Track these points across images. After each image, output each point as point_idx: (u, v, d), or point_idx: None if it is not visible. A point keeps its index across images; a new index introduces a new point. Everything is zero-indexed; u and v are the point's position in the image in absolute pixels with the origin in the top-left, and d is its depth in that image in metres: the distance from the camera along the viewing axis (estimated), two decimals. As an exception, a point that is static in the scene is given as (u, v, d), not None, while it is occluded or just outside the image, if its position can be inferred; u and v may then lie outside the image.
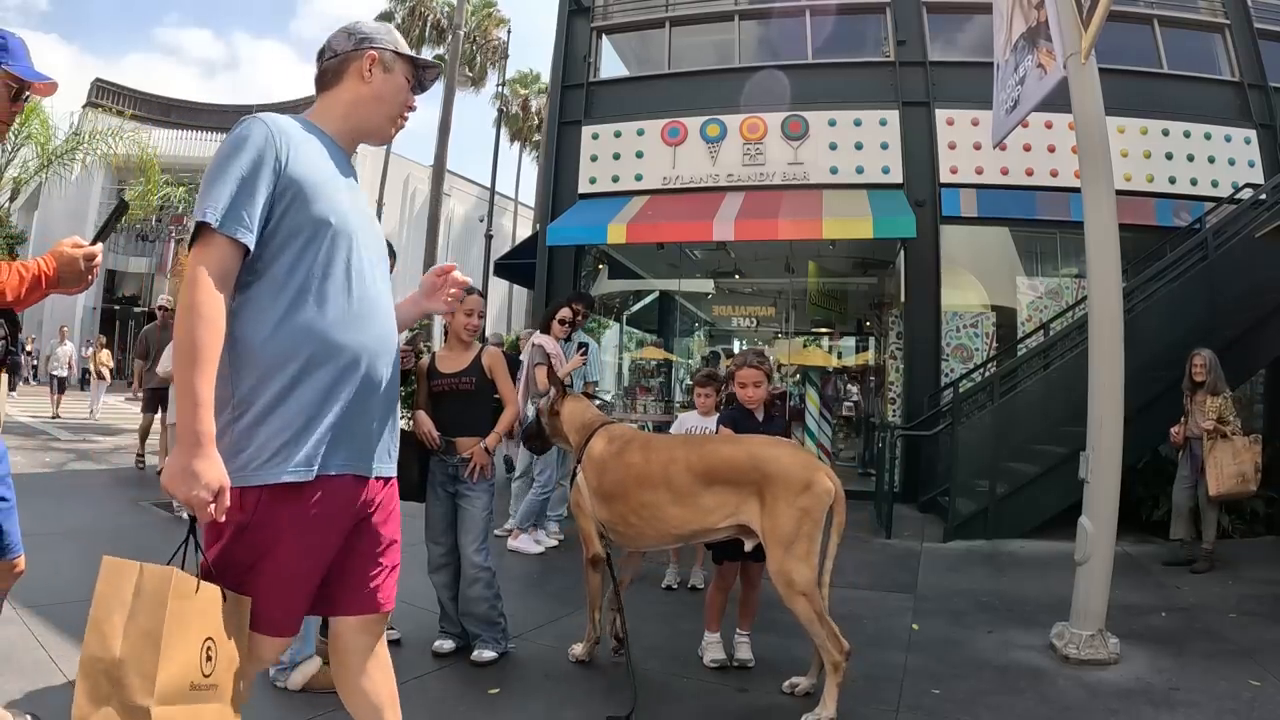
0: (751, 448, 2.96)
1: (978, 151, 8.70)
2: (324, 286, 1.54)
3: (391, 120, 1.76)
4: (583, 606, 3.59)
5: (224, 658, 1.39)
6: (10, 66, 1.99)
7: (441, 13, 28.10)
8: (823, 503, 2.78)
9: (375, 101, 1.71)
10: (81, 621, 1.34)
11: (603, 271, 11.28)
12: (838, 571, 2.97)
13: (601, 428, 3.29)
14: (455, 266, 2.00)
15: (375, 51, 1.69)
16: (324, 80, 1.72)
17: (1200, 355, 5.42)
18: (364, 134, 1.75)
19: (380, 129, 1.76)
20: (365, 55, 1.69)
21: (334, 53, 1.70)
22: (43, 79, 2.07)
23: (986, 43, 8.18)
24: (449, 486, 3.29)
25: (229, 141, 1.49)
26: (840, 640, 2.71)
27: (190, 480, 1.36)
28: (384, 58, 1.70)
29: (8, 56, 1.99)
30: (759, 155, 9.28)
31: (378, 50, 1.70)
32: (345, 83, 1.70)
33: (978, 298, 9.12)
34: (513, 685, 2.99)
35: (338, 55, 1.70)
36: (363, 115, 1.71)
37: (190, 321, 1.38)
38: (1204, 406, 5.33)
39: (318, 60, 1.74)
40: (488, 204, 20.29)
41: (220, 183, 1.44)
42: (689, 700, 2.93)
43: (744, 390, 3.46)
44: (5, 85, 2.00)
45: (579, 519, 3.25)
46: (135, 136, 14.52)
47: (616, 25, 10.90)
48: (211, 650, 1.36)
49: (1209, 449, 5.22)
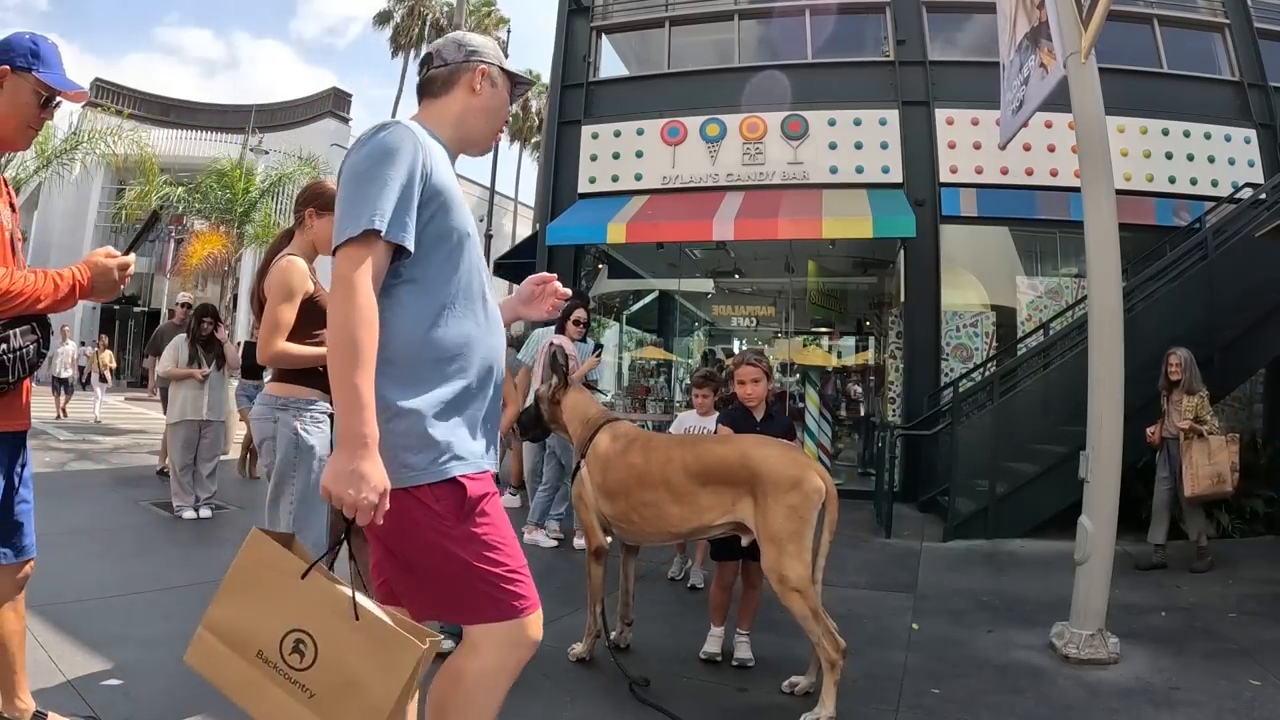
0: (742, 447, 3.01)
1: (977, 151, 8.71)
2: (466, 292, 1.60)
3: (494, 134, 1.81)
4: (582, 607, 3.59)
5: (329, 671, 1.33)
6: (41, 74, 1.99)
7: (440, 12, 28.14)
8: (812, 501, 2.81)
9: (483, 114, 1.75)
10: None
11: (602, 271, 11.28)
12: (837, 571, 2.98)
13: (606, 425, 3.32)
14: (555, 277, 2.01)
15: (485, 66, 1.73)
16: (430, 88, 1.74)
17: (1176, 354, 5.37)
18: (469, 144, 1.78)
19: (484, 140, 1.80)
20: (476, 69, 1.72)
21: (444, 61, 1.73)
22: (74, 88, 2.06)
23: (986, 42, 8.19)
24: None
25: (377, 148, 1.49)
26: (836, 638, 2.72)
27: (358, 482, 1.36)
28: (492, 72, 1.75)
29: (39, 63, 1.99)
30: (759, 155, 9.29)
31: (487, 65, 1.74)
32: (455, 93, 1.73)
33: (977, 297, 9.12)
34: (512, 686, 2.98)
35: (447, 65, 1.73)
36: (471, 126, 1.74)
37: (353, 324, 1.39)
38: (1180, 406, 5.28)
39: (423, 66, 1.77)
40: (488, 204, 20.28)
41: (380, 188, 1.45)
42: (688, 699, 2.93)
43: (743, 388, 3.49)
44: (35, 92, 2.00)
45: (580, 511, 3.29)
46: (134, 136, 14.54)
47: (616, 25, 10.91)
48: (304, 647, 1.34)
49: (1184, 449, 5.17)
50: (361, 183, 1.46)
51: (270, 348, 2.69)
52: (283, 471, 2.75)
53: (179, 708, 2.59)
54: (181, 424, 5.89)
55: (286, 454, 2.74)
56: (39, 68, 1.99)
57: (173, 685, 2.75)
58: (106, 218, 22.24)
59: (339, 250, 1.45)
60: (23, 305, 1.88)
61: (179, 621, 3.43)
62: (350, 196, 1.46)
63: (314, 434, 2.78)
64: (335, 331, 1.42)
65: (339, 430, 1.39)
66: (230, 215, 15.93)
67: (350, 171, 1.50)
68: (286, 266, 2.77)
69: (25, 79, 1.98)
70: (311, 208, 2.86)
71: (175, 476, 5.83)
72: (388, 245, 1.46)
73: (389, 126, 1.53)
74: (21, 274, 1.89)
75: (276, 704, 1.33)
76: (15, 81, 1.97)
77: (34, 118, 2.03)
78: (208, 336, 6.13)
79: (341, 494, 1.36)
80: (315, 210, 2.86)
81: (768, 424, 3.48)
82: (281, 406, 2.76)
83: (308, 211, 2.87)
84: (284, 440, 2.74)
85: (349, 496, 1.36)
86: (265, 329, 2.69)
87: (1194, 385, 5.28)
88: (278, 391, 2.79)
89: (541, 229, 9.78)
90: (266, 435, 2.79)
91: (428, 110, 1.74)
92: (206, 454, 6.00)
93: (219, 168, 16.12)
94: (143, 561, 4.41)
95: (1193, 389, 5.27)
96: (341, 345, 1.40)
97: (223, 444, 6.87)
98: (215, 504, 6.02)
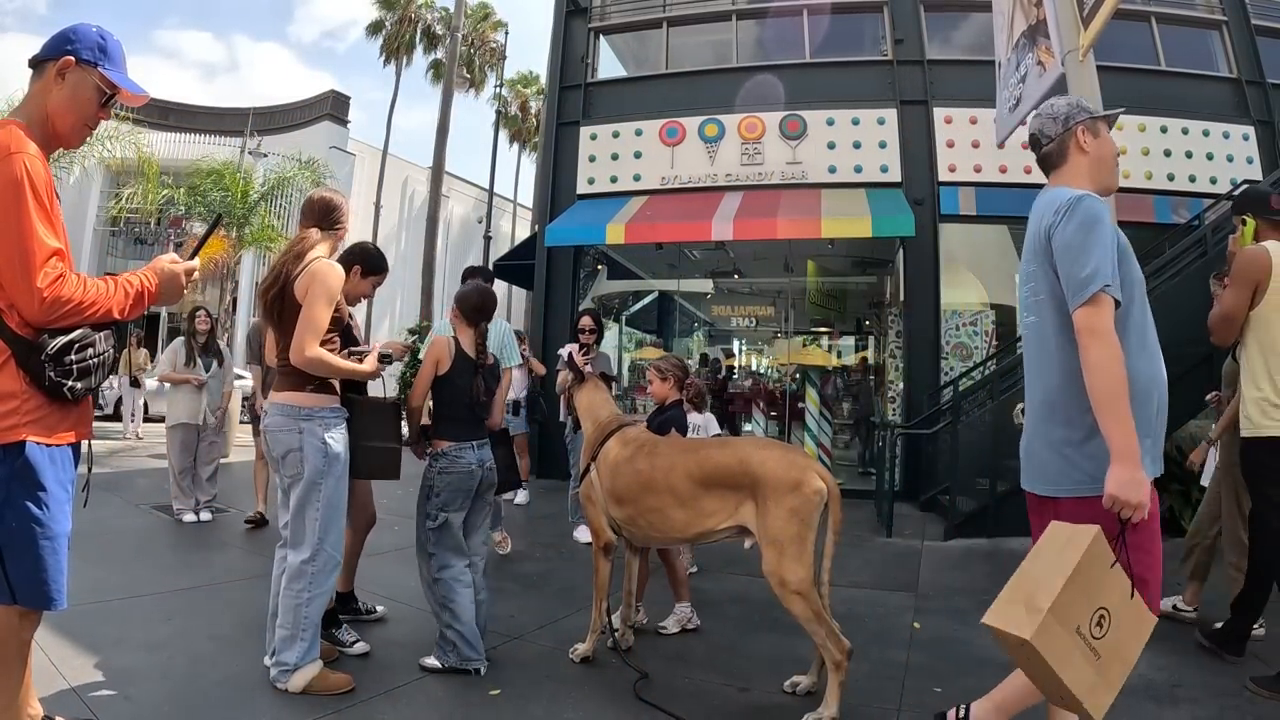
0: (741, 451, 3.02)
1: (976, 150, 8.71)
2: (1145, 327, 1.97)
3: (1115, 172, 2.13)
4: (583, 608, 3.59)
5: (1112, 637, 1.71)
6: (107, 70, 1.93)
7: (433, 18, 28.08)
8: (813, 503, 2.80)
9: (1101, 161, 2.09)
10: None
11: (602, 272, 11.27)
12: (838, 570, 2.97)
13: (618, 431, 3.34)
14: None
15: (1080, 124, 2.07)
16: (1050, 161, 2.13)
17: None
18: (1110, 189, 2.10)
19: (1112, 181, 2.12)
20: (1074, 131, 2.08)
21: (1048, 138, 2.11)
22: (138, 90, 2.00)
23: (984, 41, 8.19)
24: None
25: (1088, 218, 1.88)
26: (840, 639, 2.71)
27: (1139, 488, 1.74)
28: (1090, 126, 2.08)
29: (106, 60, 1.92)
30: (757, 155, 9.29)
31: (1081, 123, 2.07)
32: (1071, 159, 2.09)
33: (977, 296, 9.12)
34: (513, 687, 2.98)
35: (1053, 139, 2.11)
36: (1102, 175, 2.09)
37: (1114, 366, 1.79)
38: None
39: (1035, 147, 2.17)
40: (486, 205, 20.27)
41: (1102, 253, 1.84)
42: (690, 699, 2.92)
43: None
44: (98, 89, 1.93)
45: (588, 510, 3.32)
46: (133, 139, 14.50)
47: (614, 26, 10.91)
48: (1104, 621, 1.70)
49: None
50: (1084, 250, 1.86)
51: (310, 350, 2.67)
52: (312, 480, 2.77)
53: (180, 711, 2.59)
54: (179, 427, 5.88)
55: (317, 463, 2.76)
56: (105, 64, 1.92)
57: (174, 689, 2.75)
58: (105, 220, 22.18)
59: (1082, 307, 1.84)
60: (96, 315, 1.85)
61: (180, 625, 3.43)
62: (1080, 258, 1.85)
63: (339, 442, 2.81)
64: (1105, 369, 1.80)
65: (1120, 447, 1.75)
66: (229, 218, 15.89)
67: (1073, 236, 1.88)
68: (329, 269, 2.76)
69: (90, 73, 1.91)
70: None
71: (175, 480, 5.82)
72: (1112, 299, 1.83)
73: (1085, 199, 1.91)
74: (94, 283, 1.86)
75: (1078, 669, 1.67)
76: (79, 75, 1.90)
77: (93, 116, 1.96)
78: (205, 340, 6.11)
79: (1129, 498, 1.74)
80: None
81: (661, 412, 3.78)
82: (306, 417, 2.76)
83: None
84: (313, 450, 2.75)
85: (1135, 498, 1.73)
86: (304, 330, 2.67)
87: None
88: (300, 402, 2.77)
89: (540, 230, 9.78)
90: (291, 447, 2.77)
91: (1058, 177, 2.10)
92: (206, 457, 5.99)
93: (210, 166, 16.00)
94: (143, 565, 4.41)
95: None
96: (1115, 380, 1.78)
97: (223, 447, 6.86)
98: (215, 507, 6.02)
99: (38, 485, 1.81)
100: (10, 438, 1.78)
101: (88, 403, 1.98)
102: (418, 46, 28.19)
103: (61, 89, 1.89)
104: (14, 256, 1.73)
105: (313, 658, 2.80)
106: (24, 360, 1.79)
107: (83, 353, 1.85)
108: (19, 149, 1.75)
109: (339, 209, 2.96)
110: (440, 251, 23.78)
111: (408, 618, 3.68)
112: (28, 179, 1.73)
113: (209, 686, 2.79)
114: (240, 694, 2.75)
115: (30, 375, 1.80)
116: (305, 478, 2.76)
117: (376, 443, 3.00)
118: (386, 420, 3.06)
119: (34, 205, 1.74)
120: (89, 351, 1.86)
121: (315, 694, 2.73)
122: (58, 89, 1.89)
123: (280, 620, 2.79)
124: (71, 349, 1.83)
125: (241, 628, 3.40)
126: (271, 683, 2.77)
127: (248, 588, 4.01)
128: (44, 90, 1.89)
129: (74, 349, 1.83)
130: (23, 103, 1.92)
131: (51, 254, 1.76)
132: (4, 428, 1.78)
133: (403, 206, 28.74)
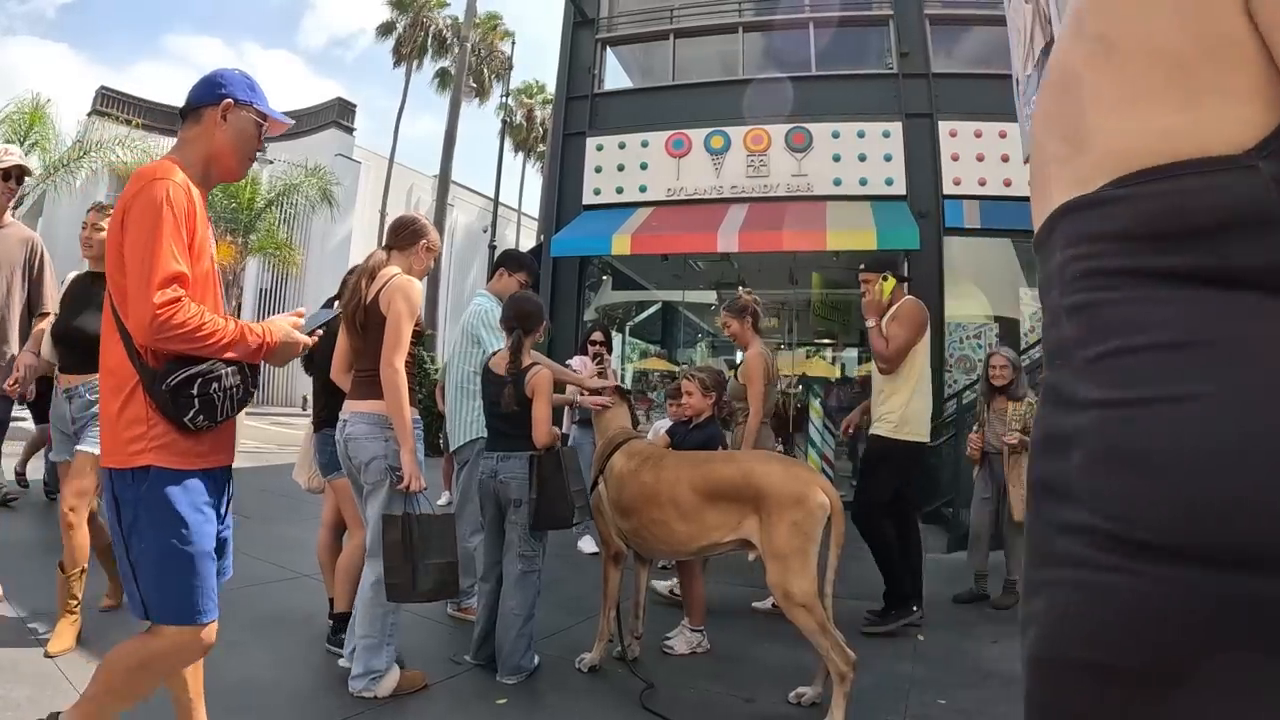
0: (745, 465, 3.05)
1: (980, 163, 8.74)
2: None
3: None
4: (589, 617, 3.60)
5: None
6: (259, 105, 2.07)
7: (444, 23, 28.31)
8: (816, 516, 2.83)
9: None
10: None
11: (606, 283, 11.31)
12: (841, 582, 2.99)
13: (624, 444, 3.37)
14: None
15: None
16: None
17: (1000, 354, 4.73)
18: None
19: None
20: None
21: None
22: (285, 119, 2.16)
23: (989, 55, 8.25)
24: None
25: None
26: (846, 651, 2.73)
27: None
28: None
29: (254, 96, 2.06)
30: (763, 167, 9.33)
31: None
32: None
33: (981, 309, 9.13)
34: (520, 696, 2.99)
35: None
36: None
37: None
38: (1005, 415, 4.56)
39: None
40: (492, 215, 20.35)
41: None
42: (696, 709, 2.93)
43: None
44: (256, 123, 2.07)
45: (599, 522, 3.39)
46: (142, 144, 14.61)
47: (621, 37, 10.99)
48: None
49: (1010, 465, 4.47)
50: None
51: (397, 363, 2.77)
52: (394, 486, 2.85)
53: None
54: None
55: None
56: (255, 100, 2.06)
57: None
58: (112, 227, 22.32)
59: None
60: (208, 348, 1.86)
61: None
62: None
63: (419, 451, 2.89)
64: None
65: None
66: (236, 225, 15.98)
67: None
68: (410, 284, 2.88)
69: (249, 111, 2.05)
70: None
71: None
72: None
73: None
74: (212, 317, 1.88)
75: None
76: (238, 114, 2.03)
77: (254, 149, 2.10)
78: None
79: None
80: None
81: (694, 431, 3.61)
82: (390, 425, 2.82)
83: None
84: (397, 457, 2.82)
85: None
86: (392, 345, 2.77)
87: (1020, 390, 4.59)
88: (385, 410, 2.83)
89: (546, 240, 9.82)
90: (376, 454, 2.84)
91: None
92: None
93: None
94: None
95: (1018, 394, 4.57)
96: None
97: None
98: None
99: (166, 508, 1.85)
100: (136, 461, 1.84)
101: (228, 429, 2.02)
102: (428, 51, 28.39)
103: (225, 130, 2.02)
104: (140, 273, 1.79)
105: (389, 663, 2.89)
106: (149, 388, 1.85)
107: (206, 387, 1.87)
108: (165, 175, 1.86)
109: (405, 227, 3.10)
110: (446, 260, 23.87)
111: (416, 625, 3.69)
112: (167, 203, 1.81)
113: (223, 690, 2.80)
114: (255, 696, 2.78)
115: (156, 404, 1.85)
116: (389, 484, 2.82)
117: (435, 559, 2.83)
118: (446, 535, 2.91)
119: (169, 228, 1.81)
120: (214, 386, 1.89)
121: (402, 694, 2.86)
122: (221, 131, 2.02)
123: (363, 630, 2.85)
124: (193, 383, 1.85)
125: (248, 630, 3.42)
126: (358, 694, 2.82)
127: (248, 591, 4.02)
128: (205, 133, 2.02)
129: (196, 383, 1.86)
130: (176, 146, 2.03)
131: (174, 276, 1.81)
132: (131, 452, 1.84)
133: (408, 214, 28.79)
